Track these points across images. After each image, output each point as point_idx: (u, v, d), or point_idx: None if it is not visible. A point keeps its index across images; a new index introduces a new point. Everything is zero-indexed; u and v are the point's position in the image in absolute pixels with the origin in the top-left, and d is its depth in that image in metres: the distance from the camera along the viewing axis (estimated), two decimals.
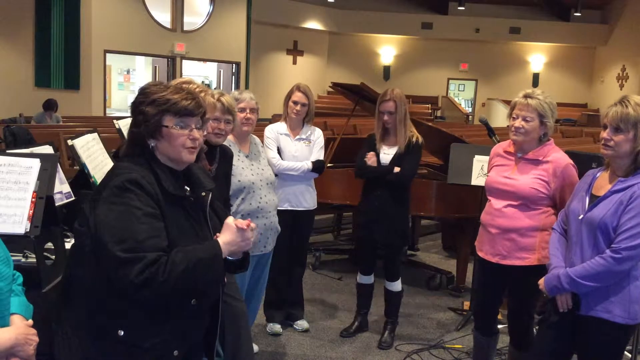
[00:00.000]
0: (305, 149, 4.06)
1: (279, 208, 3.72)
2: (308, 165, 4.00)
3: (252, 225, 1.91)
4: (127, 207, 1.76)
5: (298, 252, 4.21)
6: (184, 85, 2.00)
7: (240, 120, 3.42)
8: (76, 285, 1.86)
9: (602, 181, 2.49)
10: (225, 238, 1.87)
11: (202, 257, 1.80)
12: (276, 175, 3.88)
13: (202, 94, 2.44)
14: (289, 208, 3.99)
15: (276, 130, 4.02)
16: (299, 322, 4.29)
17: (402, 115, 3.85)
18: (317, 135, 4.14)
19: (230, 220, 1.91)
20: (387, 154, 3.90)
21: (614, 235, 2.35)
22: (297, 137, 4.06)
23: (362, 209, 4.06)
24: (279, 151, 3.99)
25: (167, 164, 1.91)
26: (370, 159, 3.88)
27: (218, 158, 3.03)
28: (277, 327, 4.19)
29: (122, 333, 1.81)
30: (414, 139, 3.88)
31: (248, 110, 3.46)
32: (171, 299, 1.81)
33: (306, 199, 4.07)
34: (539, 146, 3.01)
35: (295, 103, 4.00)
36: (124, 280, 1.72)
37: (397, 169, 3.83)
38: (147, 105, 1.87)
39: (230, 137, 3.42)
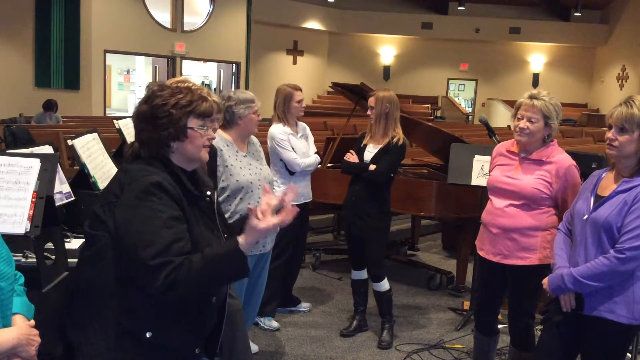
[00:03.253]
0: (306, 144, 4.30)
1: (296, 203, 3.77)
2: (317, 158, 4.29)
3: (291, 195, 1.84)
4: (152, 210, 1.74)
5: (302, 242, 4.53)
6: (189, 85, 1.99)
7: None
8: (98, 290, 1.82)
9: (607, 181, 2.49)
10: (248, 239, 1.79)
11: (222, 253, 1.78)
12: (292, 173, 4.15)
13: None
14: (304, 201, 4.22)
15: (285, 131, 4.15)
16: (303, 304, 4.59)
17: (381, 112, 3.91)
18: (309, 130, 4.44)
19: (254, 222, 1.78)
20: (370, 151, 3.99)
21: (618, 235, 2.35)
22: (299, 135, 4.26)
23: (344, 204, 4.18)
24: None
25: (181, 165, 1.91)
26: (349, 158, 4.03)
27: None
28: (274, 323, 4.27)
29: (149, 335, 1.81)
30: (395, 140, 3.92)
31: None
32: (195, 297, 1.83)
33: (310, 190, 4.37)
34: (543, 147, 3.01)
35: (300, 102, 4.23)
36: (151, 285, 1.70)
37: (372, 167, 3.90)
38: (171, 107, 1.85)
39: (228, 137, 3.42)
